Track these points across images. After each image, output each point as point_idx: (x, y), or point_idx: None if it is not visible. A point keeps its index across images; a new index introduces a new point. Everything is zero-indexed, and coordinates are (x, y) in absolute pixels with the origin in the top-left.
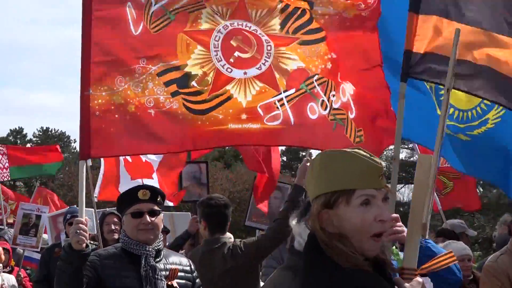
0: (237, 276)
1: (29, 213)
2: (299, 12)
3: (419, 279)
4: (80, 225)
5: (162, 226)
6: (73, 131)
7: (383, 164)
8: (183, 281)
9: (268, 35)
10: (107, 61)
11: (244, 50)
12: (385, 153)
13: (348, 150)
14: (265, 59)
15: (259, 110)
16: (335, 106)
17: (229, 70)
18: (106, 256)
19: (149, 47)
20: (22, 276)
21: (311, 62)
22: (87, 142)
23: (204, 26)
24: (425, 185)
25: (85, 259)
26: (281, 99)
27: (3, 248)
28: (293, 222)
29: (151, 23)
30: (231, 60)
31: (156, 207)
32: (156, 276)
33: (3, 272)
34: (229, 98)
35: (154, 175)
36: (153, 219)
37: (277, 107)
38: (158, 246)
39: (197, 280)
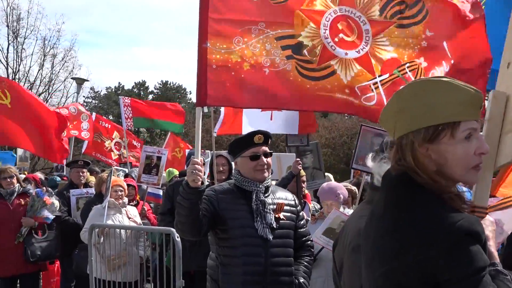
0: None
1: (151, 155)
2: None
3: (490, 218)
4: (196, 165)
5: None
6: (189, 84)
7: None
8: (288, 214)
9: (369, 21)
10: (226, 20)
11: (347, 34)
12: None
13: (443, 79)
14: (363, 46)
15: (357, 90)
16: None
17: (333, 48)
18: (221, 191)
19: (269, 14)
20: (146, 209)
21: (404, 49)
22: (204, 90)
23: (318, 7)
24: (498, 121)
25: (201, 195)
26: (376, 82)
27: (130, 185)
28: (369, 161)
29: None
30: (336, 39)
31: (268, 149)
32: (266, 210)
33: (129, 205)
34: (334, 72)
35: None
36: (267, 159)
37: (372, 90)
38: (267, 183)
39: (301, 213)
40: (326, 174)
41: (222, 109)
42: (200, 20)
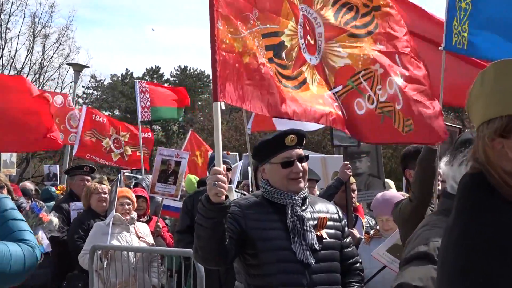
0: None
1: (168, 159)
2: (348, 6)
3: None
4: (218, 175)
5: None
6: None
7: None
8: (333, 231)
9: (324, 23)
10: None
11: (311, 35)
12: None
13: None
14: (317, 52)
15: (328, 98)
16: (381, 99)
17: (304, 50)
18: (247, 206)
19: (262, 1)
20: (160, 226)
21: (359, 55)
22: (219, 83)
23: (296, 0)
24: None
25: (226, 212)
26: (334, 93)
27: (140, 196)
28: (442, 164)
29: None
30: (306, 41)
31: (303, 152)
32: (305, 227)
33: (139, 221)
34: (305, 81)
35: None
36: (303, 165)
37: (335, 99)
38: (304, 193)
39: (346, 229)
40: (385, 180)
41: None
42: None
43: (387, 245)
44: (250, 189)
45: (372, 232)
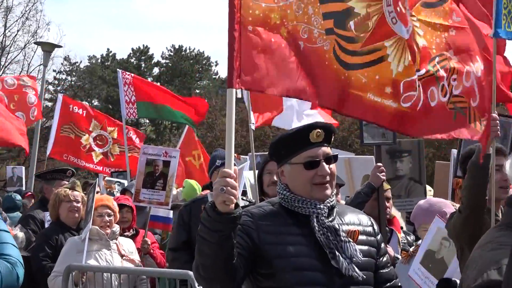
0: None
1: (155, 159)
2: None
3: None
4: (228, 179)
5: None
6: (214, 51)
7: None
8: (366, 248)
9: None
10: None
11: (405, 4)
12: None
13: None
14: (410, 23)
15: (402, 86)
16: (455, 92)
17: (394, 20)
18: (261, 216)
19: None
20: (149, 242)
21: (432, 37)
22: (237, 65)
23: None
24: None
25: (235, 224)
26: (416, 80)
27: (124, 205)
28: (507, 167)
29: None
30: (398, 9)
31: (331, 151)
32: (341, 238)
33: (124, 235)
34: (382, 59)
35: None
36: (331, 167)
37: (415, 88)
38: (331, 202)
39: (382, 245)
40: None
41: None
42: None
43: (420, 255)
44: (251, 196)
45: (411, 249)
